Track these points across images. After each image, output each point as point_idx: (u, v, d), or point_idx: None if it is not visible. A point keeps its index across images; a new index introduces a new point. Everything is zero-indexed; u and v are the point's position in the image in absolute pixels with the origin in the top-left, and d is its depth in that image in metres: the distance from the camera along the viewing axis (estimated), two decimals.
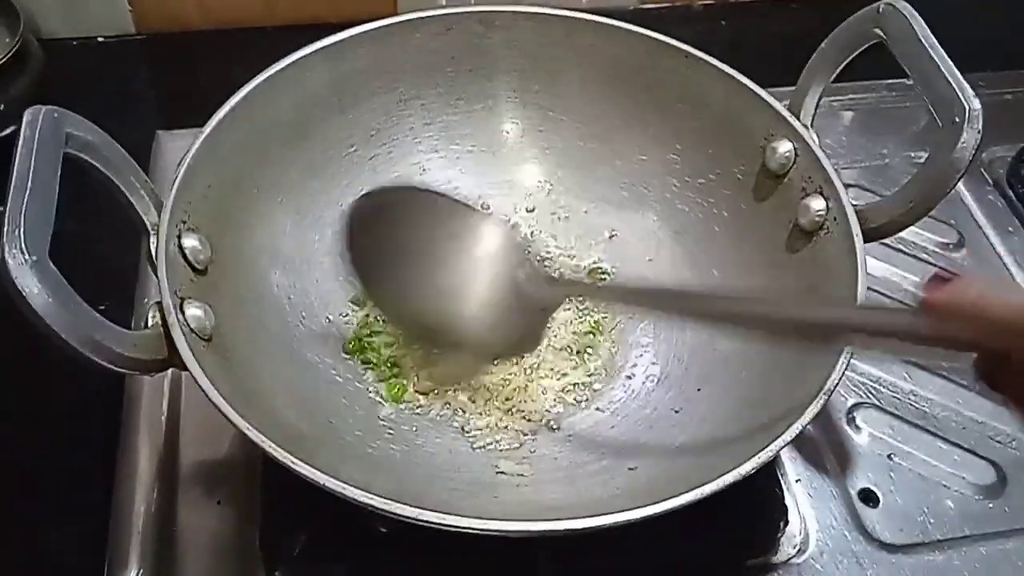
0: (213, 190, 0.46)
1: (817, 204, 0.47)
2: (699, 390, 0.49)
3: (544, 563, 0.45)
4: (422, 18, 0.53)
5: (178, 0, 0.72)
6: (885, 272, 0.60)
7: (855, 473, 0.51)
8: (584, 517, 0.35)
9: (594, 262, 0.56)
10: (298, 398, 0.45)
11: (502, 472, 0.46)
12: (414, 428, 0.48)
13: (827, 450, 0.51)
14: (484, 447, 0.48)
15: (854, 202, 0.46)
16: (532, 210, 0.58)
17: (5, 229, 0.33)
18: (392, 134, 0.56)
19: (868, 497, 0.50)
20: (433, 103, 0.56)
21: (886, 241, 0.53)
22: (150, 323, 0.39)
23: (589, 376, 0.51)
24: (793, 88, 0.51)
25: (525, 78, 0.56)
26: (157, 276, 0.40)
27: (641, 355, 0.52)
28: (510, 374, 0.50)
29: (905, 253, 0.61)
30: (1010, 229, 0.64)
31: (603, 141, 0.57)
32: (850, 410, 0.53)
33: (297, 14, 0.73)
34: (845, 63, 0.49)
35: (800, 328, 0.38)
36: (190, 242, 0.42)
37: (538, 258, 0.56)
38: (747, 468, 0.36)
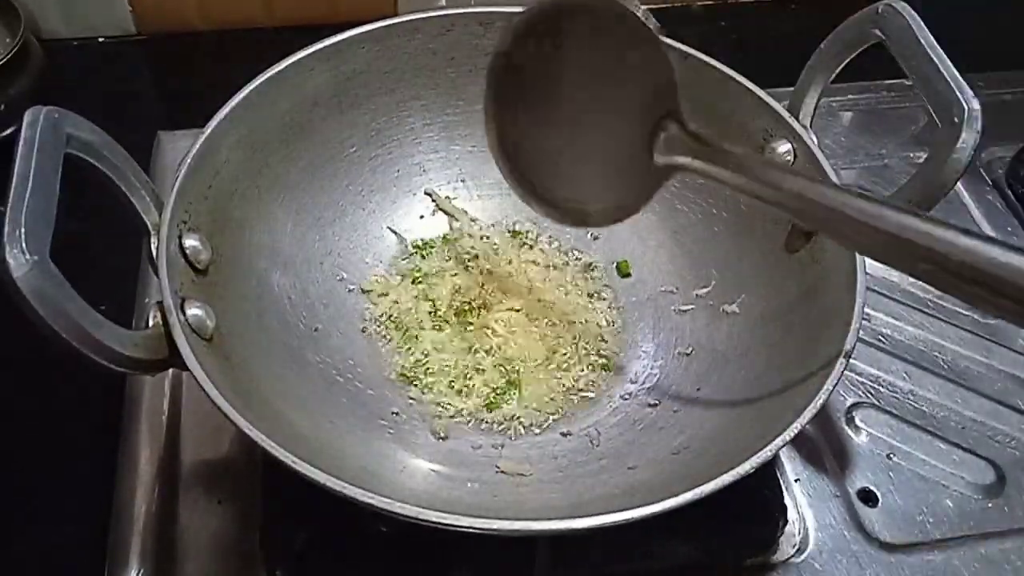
0: (214, 190, 0.46)
1: None
2: (698, 390, 0.49)
3: (544, 563, 0.45)
4: (422, 18, 0.53)
5: (178, 1, 0.72)
6: (884, 272, 0.60)
7: (854, 473, 0.51)
8: (584, 517, 0.35)
9: (593, 261, 0.56)
10: (298, 398, 0.45)
11: (502, 472, 0.46)
12: (414, 428, 0.48)
13: (826, 450, 0.51)
14: (484, 446, 0.48)
15: None
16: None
17: (6, 229, 0.33)
18: (392, 134, 0.56)
19: (867, 497, 0.50)
20: (433, 103, 0.56)
21: None
22: (151, 323, 0.39)
23: (590, 376, 0.51)
24: (792, 88, 0.51)
25: None
26: (158, 276, 0.40)
27: (641, 355, 0.52)
28: (511, 375, 0.51)
29: None
30: (1009, 229, 0.64)
31: None
32: (849, 410, 0.53)
33: (297, 15, 0.73)
34: (844, 63, 0.49)
35: None
36: (191, 242, 0.43)
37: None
38: (746, 468, 0.36)
